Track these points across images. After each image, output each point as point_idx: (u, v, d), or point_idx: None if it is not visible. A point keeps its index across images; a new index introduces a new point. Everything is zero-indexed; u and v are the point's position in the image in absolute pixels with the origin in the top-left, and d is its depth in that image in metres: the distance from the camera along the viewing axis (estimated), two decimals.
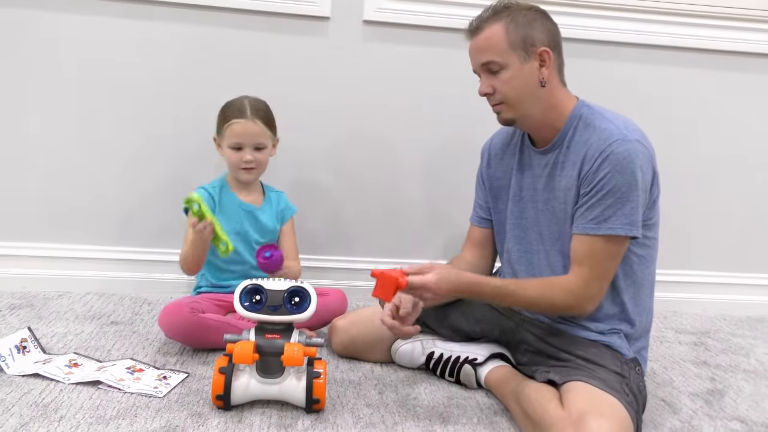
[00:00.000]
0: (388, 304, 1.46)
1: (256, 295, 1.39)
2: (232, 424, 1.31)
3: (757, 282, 2.37)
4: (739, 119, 2.26)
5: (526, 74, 1.38)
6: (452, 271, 1.40)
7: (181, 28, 1.99)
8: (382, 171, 2.15)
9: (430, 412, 1.43)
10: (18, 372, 1.45)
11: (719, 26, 2.16)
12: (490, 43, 1.38)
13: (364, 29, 2.05)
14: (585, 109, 1.42)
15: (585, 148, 1.37)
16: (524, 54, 1.37)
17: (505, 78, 1.38)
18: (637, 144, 1.34)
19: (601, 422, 1.16)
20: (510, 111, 1.42)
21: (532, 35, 1.37)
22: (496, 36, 1.37)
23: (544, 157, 1.47)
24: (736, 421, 1.51)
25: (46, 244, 2.05)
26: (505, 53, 1.37)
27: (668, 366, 1.82)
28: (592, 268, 1.36)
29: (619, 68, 2.16)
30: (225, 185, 1.81)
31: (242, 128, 1.71)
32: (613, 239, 1.34)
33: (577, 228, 1.38)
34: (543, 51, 1.37)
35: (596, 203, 1.34)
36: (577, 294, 1.37)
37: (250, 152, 1.73)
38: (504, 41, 1.36)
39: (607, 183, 1.33)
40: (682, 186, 2.24)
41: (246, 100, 1.75)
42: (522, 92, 1.39)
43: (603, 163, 1.33)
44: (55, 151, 2.01)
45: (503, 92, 1.40)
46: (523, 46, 1.36)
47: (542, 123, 1.44)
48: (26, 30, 1.94)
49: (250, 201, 1.82)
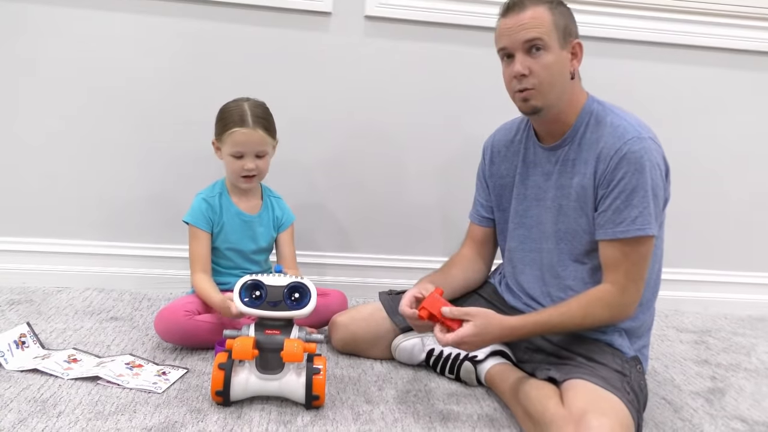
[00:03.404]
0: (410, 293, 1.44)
1: (256, 291, 1.39)
2: (231, 420, 1.31)
3: (759, 281, 2.37)
4: (741, 117, 2.25)
5: (563, 62, 1.37)
6: (492, 320, 1.34)
7: (181, 23, 1.98)
8: (383, 167, 2.14)
9: (430, 410, 1.43)
10: (17, 367, 1.45)
11: (720, 24, 2.15)
12: (538, 21, 1.35)
13: (366, 25, 2.04)
14: (596, 105, 1.42)
15: (599, 146, 1.36)
16: (563, 42, 1.36)
17: (546, 61, 1.35)
18: (651, 142, 1.33)
19: (602, 420, 1.15)
20: (540, 98, 1.37)
21: (571, 26, 1.38)
22: (543, 16, 1.35)
23: (553, 154, 1.46)
24: (737, 420, 1.50)
25: (45, 239, 2.05)
26: (551, 34, 1.35)
27: (669, 364, 1.82)
28: (628, 273, 1.34)
29: (617, 65, 2.15)
30: (224, 192, 1.76)
31: (244, 137, 1.66)
32: (643, 240, 1.33)
33: (605, 234, 1.35)
34: (577, 43, 1.38)
35: (621, 206, 1.33)
36: (619, 304, 1.35)
37: (252, 160, 1.69)
38: (551, 23, 1.35)
39: (628, 183, 1.32)
40: (683, 184, 2.22)
41: (246, 105, 1.69)
42: (557, 79, 1.37)
43: (620, 163, 1.32)
44: (55, 147, 2.01)
45: (540, 76, 1.35)
46: (564, 34, 1.36)
47: (559, 116, 1.42)
48: (21, 24, 1.93)
49: (248, 209, 1.77)
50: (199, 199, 1.74)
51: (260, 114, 1.69)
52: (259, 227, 1.78)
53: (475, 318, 1.32)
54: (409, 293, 1.44)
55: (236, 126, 1.66)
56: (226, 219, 1.75)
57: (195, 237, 1.72)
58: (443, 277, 1.59)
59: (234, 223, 1.75)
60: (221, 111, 1.72)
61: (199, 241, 1.71)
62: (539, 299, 1.51)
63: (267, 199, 1.82)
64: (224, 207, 1.75)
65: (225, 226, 1.74)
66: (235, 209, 1.76)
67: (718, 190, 2.30)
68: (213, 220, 1.73)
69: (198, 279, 1.68)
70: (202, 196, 1.74)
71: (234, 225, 1.75)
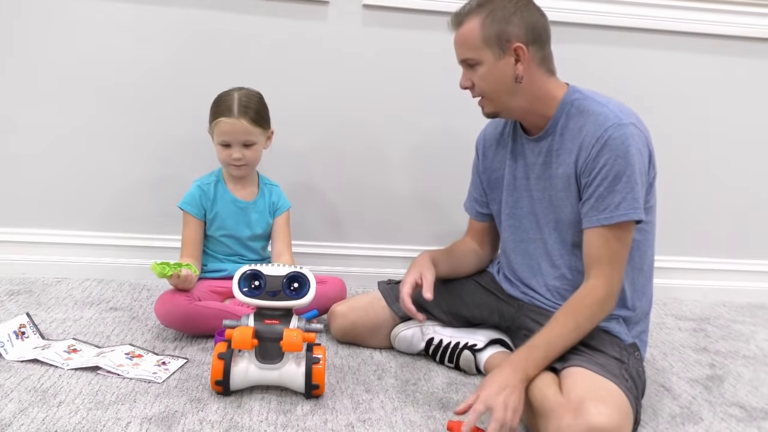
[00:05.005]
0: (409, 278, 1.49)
1: (255, 281, 1.39)
2: (231, 410, 1.31)
3: (757, 268, 2.37)
4: (739, 104, 2.25)
5: (501, 70, 1.37)
6: (493, 372, 1.26)
7: (177, 12, 1.96)
8: (379, 157, 2.14)
9: (429, 398, 1.43)
10: (17, 357, 1.45)
11: (717, 10, 2.14)
12: (466, 38, 1.39)
13: (364, 13, 2.03)
14: (576, 95, 1.41)
15: (581, 135, 1.36)
16: (499, 50, 1.36)
17: (481, 73, 1.39)
18: (632, 127, 1.33)
19: (601, 408, 1.16)
20: (490, 105, 1.43)
21: (508, 31, 1.35)
22: (471, 32, 1.37)
23: (537, 145, 1.46)
24: (736, 406, 1.51)
25: (44, 230, 2.05)
26: (479, 49, 1.37)
27: (668, 352, 1.82)
28: (611, 262, 1.33)
29: (614, 53, 2.14)
30: (220, 180, 1.79)
31: (229, 127, 1.67)
32: (625, 226, 1.33)
33: (589, 222, 1.35)
34: (517, 47, 1.35)
35: (605, 192, 1.32)
36: (607, 296, 1.33)
37: (239, 150, 1.70)
38: (479, 37, 1.36)
39: (610, 170, 1.31)
40: (681, 172, 2.23)
41: (236, 95, 1.70)
42: (497, 88, 1.39)
43: (601, 150, 1.32)
44: (54, 137, 2.00)
45: (480, 87, 1.41)
46: (498, 42, 1.35)
47: (528, 113, 1.44)
48: (15, 13, 1.92)
49: (243, 196, 1.79)
50: (194, 185, 1.77)
51: (248, 104, 1.70)
52: (254, 213, 1.80)
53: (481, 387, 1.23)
54: (408, 279, 1.47)
55: (222, 116, 1.68)
56: (220, 205, 1.77)
57: (186, 222, 1.76)
58: (446, 254, 1.62)
59: (229, 209, 1.77)
60: (214, 101, 1.74)
61: (189, 226, 1.75)
62: (535, 287, 1.52)
63: (263, 187, 1.84)
64: (219, 194, 1.77)
65: (219, 212, 1.76)
66: (231, 196, 1.78)
67: (717, 177, 2.30)
68: (206, 206, 1.75)
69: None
70: (198, 183, 1.78)
71: (229, 211, 1.77)
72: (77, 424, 1.22)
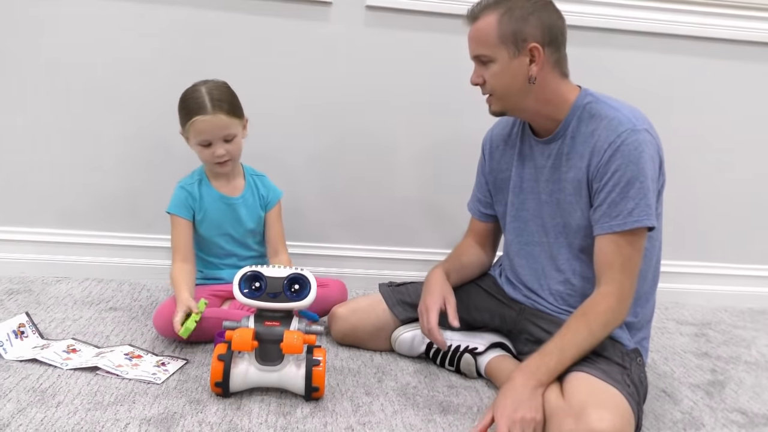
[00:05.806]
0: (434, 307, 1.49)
1: (256, 282, 1.38)
2: (230, 412, 1.31)
3: (760, 273, 2.36)
4: (742, 109, 2.24)
5: (515, 69, 1.35)
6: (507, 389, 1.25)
7: (177, 11, 1.96)
8: (382, 158, 2.13)
9: (429, 401, 1.43)
10: (16, 357, 1.45)
11: (721, 14, 2.12)
12: (481, 34, 1.36)
13: (367, 14, 2.03)
14: (589, 98, 1.39)
15: (593, 139, 1.35)
16: (514, 49, 1.34)
17: (493, 71, 1.37)
18: (646, 134, 1.31)
19: (602, 413, 1.15)
20: (498, 103, 1.41)
21: (524, 30, 1.33)
22: (487, 28, 1.35)
23: (546, 148, 1.45)
24: (737, 412, 1.50)
25: (44, 229, 2.04)
26: (494, 47, 1.35)
27: (669, 357, 1.81)
28: (624, 269, 1.32)
29: (619, 56, 2.13)
30: (204, 179, 1.74)
31: (206, 125, 1.60)
32: (637, 232, 1.31)
33: (602, 228, 1.34)
34: (533, 47, 1.34)
35: (617, 198, 1.31)
36: (620, 304, 1.32)
37: (221, 146, 1.63)
38: (495, 34, 1.34)
39: (623, 176, 1.30)
40: (684, 176, 2.23)
41: (204, 88, 1.62)
42: (509, 87, 1.38)
43: (614, 155, 1.31)
44: (53, 137, 1.99)
45: (490, 85, 1.39)
46: (514, 40, 1.33)
47: (537, 115, 1.42)
48: (9, 12, 1.91)
49: (230, 191, 1.74)
50: (178, 188, 1.73)
51: (219, 96, 1.62)
52: (242, 209, 1.75)
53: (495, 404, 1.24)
54: (433, 306, 1.48)
55: (196, 114, 1.61)
56: (208, 204, 1.73)
57: (175, 226, 1.71)
58: (458, 265, 1.62)
59: (217, 207, 1.73)
60: (180, 100, 1.66)
61: (179, 229, 1.70)
62: (538, 292, 1.51)
63: (249, 179, 1.78)
64: (204, 193, 1.73)
65: (208, 211, 1.73)
66: (217, 194, 1.73)
67: (719, 182, 2.29)
68: (193, 207, 1.71)
69: (176, 269, 1.66)
70: (181, 185, 1.73)
71: (218, 209, 1.74)
72: (76, 424, 1.21)
